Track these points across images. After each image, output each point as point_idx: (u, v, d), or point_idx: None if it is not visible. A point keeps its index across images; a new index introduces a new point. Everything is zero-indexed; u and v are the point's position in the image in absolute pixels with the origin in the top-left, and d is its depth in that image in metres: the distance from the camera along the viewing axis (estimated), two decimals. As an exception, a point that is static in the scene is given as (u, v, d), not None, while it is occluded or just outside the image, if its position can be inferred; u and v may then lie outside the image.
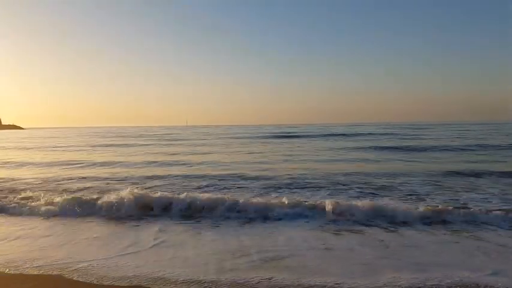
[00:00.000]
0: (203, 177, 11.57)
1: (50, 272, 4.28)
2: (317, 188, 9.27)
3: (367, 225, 6.02)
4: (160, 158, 18.65)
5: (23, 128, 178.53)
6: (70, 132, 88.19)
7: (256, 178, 11.14)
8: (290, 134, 45.62)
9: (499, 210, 6.42)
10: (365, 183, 9.95)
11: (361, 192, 8.76)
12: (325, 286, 3.81)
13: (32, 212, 7.19)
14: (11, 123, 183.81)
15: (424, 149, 20.73)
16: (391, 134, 40.44)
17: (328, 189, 9.07)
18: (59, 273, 4.26)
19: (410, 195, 8.31)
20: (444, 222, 6.08)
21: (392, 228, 5.84)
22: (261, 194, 8.64)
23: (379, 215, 6.38)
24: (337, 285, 3.82)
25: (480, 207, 6.73)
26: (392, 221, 6.15)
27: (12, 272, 4.32)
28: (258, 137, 42.35)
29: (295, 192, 8.85)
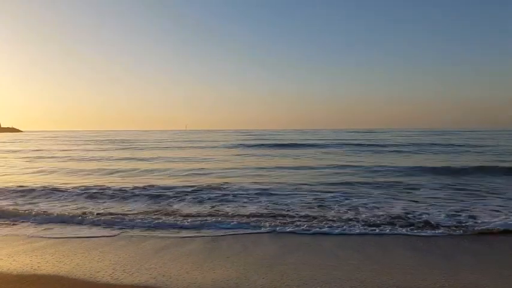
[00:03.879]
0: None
1: (53, 273, 4.29)
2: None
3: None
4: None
5: (21, 131, 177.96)
6: (49, 135, 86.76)
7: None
8: (312, 143, 35.26)
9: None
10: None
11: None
12: None
13: None
14: (10, 126, 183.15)
15: None
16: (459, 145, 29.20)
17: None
18: (59, 273, 4.27)
19: None
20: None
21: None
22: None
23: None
24: None
25: None
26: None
27: (15, 273, 4.30)
28: (270, 145, 33.57)
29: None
